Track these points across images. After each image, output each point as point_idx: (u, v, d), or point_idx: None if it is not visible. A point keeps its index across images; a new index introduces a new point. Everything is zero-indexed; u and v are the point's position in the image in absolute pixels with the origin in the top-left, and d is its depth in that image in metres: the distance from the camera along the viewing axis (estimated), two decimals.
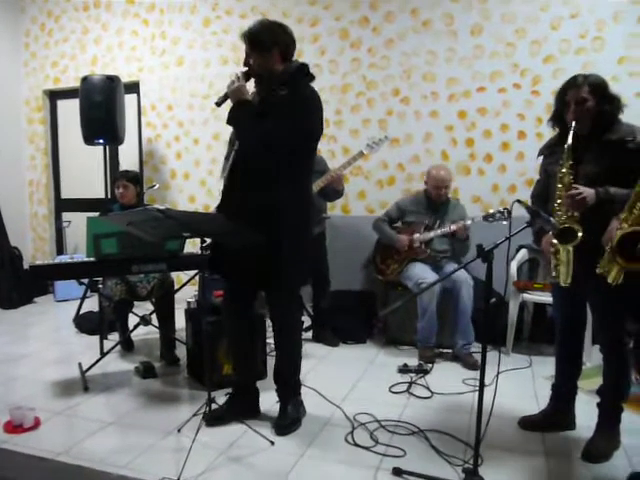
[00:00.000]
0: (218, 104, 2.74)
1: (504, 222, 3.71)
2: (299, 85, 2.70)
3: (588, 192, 2.34)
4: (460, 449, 2.63)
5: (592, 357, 3.64)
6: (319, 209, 4.35)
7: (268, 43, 2.66)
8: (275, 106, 2.62)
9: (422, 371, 3.67)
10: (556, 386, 2.85)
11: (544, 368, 3.66)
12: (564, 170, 2.43)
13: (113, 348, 3.76)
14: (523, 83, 4.63)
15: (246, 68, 2.72)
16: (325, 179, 4.02)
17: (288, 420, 2.84)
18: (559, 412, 2.83)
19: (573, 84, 2.50)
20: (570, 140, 2.42)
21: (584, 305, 2.70)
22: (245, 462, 2.52)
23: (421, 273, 4.02)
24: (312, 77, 2.77)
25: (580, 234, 2.32)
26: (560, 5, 4.46)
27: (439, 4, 4.80)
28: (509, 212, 3.80)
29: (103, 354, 3.73)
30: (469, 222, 3.95)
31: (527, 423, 2.86)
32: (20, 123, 6.57)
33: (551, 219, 2.23)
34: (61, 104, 6.53)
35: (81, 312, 4.93)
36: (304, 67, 2.75)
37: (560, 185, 2.44)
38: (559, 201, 2.43)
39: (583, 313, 2.73)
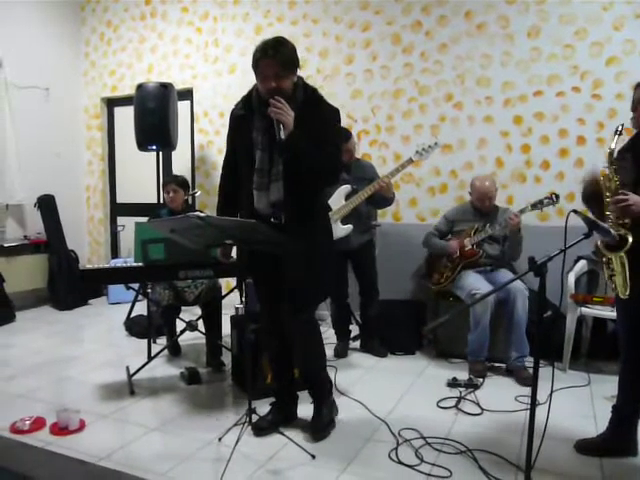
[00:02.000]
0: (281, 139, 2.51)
1: (552, 206, 3.81)
2: (322, 104, 2.66)
3: (635, 199, 2.21)
4: (510, 472, 2.50)
5: None
6: (368, 216, 4.28)
7: (298, 64, 2.60)
8: (315, 125, 2.53)
9: (472, 386, 3.53)
10: (617, 408, 2.66)
11: (604, 387, 3.47)
12: (609, 176, 2.30)
13: (159, 353, 3.78)
14: (583, 86, 4.42)
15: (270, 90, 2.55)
16: (373, 187, 3.94)
17: (323, 422, 2.81)
18: (620, 436, 2.64)
19: None
20: (613, 145, 2.29)
21: None
22: (284, 476, 2.47)
23: (474, 283, 3.88)
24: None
25: (630, 240, 2.17)
26: (623, 4, 4.24)
27: (494, 7, 4.65)
28: (557, 196, 3.72)
29: (150, 358, 3.76)
30: (518, 212, 3.86)
31: (584, 447, 2.68)
32: (79, 130, 6.77)
33: (611, 230, 2.09)
34: (118, 111, 6.69)
35: (132, 315, 5.01)
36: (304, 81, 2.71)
37: (608, 193, 2.31)
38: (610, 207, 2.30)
39: None
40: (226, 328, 3.95)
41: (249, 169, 2.65)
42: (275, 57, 2.47)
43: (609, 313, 3.69)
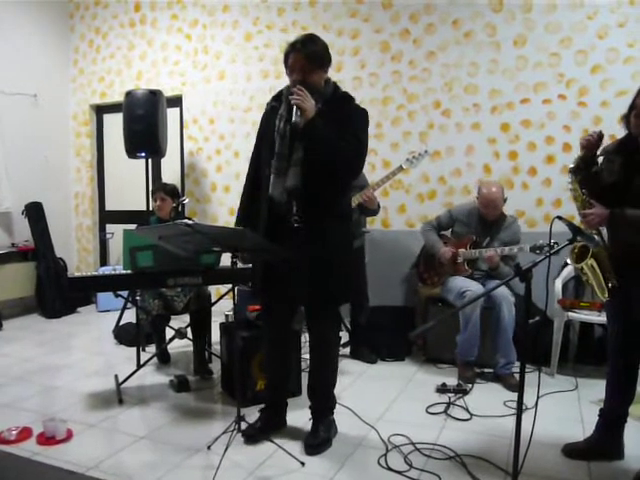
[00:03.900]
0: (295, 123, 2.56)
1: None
2: (352, 102, 2.73)
3: (600, 213, 2.29)
4: (499, 477, 2.51)
5: None
6: (358, 223, 4.29)
7: (326, 61, 2.68)
8: (341, 120, 2.60)
9: (461, 391, 3.54)
10: (605, 412, 2.68)
11: (591, 391, 3.50)
12: (571, 188, 2.40)
13: (148, 361, 3.77)
14: (569, 94, 4.48)
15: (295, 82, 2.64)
16: (357, 199, 3.96)
17: (319, 440, 2.78)
18: (607, 440, 2.66)
19: None
20: (578, 159, 2.44)
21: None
22: None
23: (464, 282, 3.91)
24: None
25: (590, 251, 2.24)
26: (607, 13, 4.30)
27: (481, 15, 4.71)
28: (557, 245, 3.68)
29: (139, 366, 3.74)
30: (499, 251, 3.83)
31: (572, 451, 2.70)
32: (68, 137, 6.75)
33: (594, 236, 2.12)
34: (107, 118, 6.68)
35: (121, 323, 4.98)
36: (336, 83, 2.78)
37: (577, 203, 2.40)
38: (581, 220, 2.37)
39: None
40: (216, 335, 3.95)
41: (269, 155, 2.69)
42: (302, 51, 2.59)
43: (596, 318, 3.73)
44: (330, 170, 2.60)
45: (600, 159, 2.50)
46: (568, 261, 2.41)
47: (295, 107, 2.53)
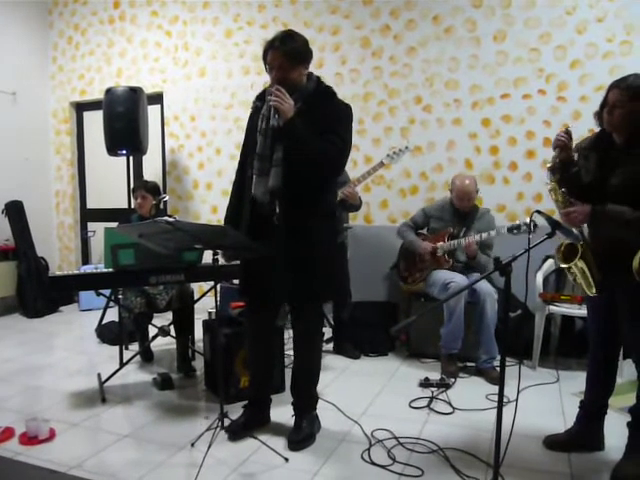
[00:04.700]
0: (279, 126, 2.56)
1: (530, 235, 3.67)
2: (335, 98, 2.72)
3: (582, 210, 2.31)
4: (481, 469, 2.53)
5: (624, 372, 3.49)
6: (340, 219, 4.30)
7: (306, 57, 2.66)
8: (324, 118, 2.59)
9: (444, 385, 3.56)
10: (585, 404, 2.72)
11: (572, 384, 3.54)
12: (550, 187, 2.41)
13: (131, 359, 3.75)
14: (548, 89, 4.52)
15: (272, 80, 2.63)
16: (339, 194, 3.96)
17: (302, 435, 2.78)
18: (587, 432, 2.70)
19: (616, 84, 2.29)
20: (552, 161, 2.44)
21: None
22: (258, 479, 2.46)
23: (446, 275, 3.94)
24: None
25: (580, 248, 2.27)
26: (586, 8, 4.34)
27: (461, 11, 4.73)
28: (535, 225, 3.72)
29: (122, 365, 3.72)
30: (477, 237, 3.85)
31: (552, 443, 2.73)
32: (47, 134, 6.67)
33: (573, 230, 2.14)
34: (87, 116, 6.61)
35: (104, 322, 4.94)
36: (319, 78, 2.75)
37: (557, 203, 2.42)
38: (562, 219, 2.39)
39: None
40: (199, 332, 3.93)
41: (253, 155, 2.68)
42: (280, 48, 2.56)
43: (577, 311, 3.78)
44: (312, 169, 2.59)
45: (575, 156, 2.51)
46: (561, 264, 2.41)
47: (273, 109, 2.51)
